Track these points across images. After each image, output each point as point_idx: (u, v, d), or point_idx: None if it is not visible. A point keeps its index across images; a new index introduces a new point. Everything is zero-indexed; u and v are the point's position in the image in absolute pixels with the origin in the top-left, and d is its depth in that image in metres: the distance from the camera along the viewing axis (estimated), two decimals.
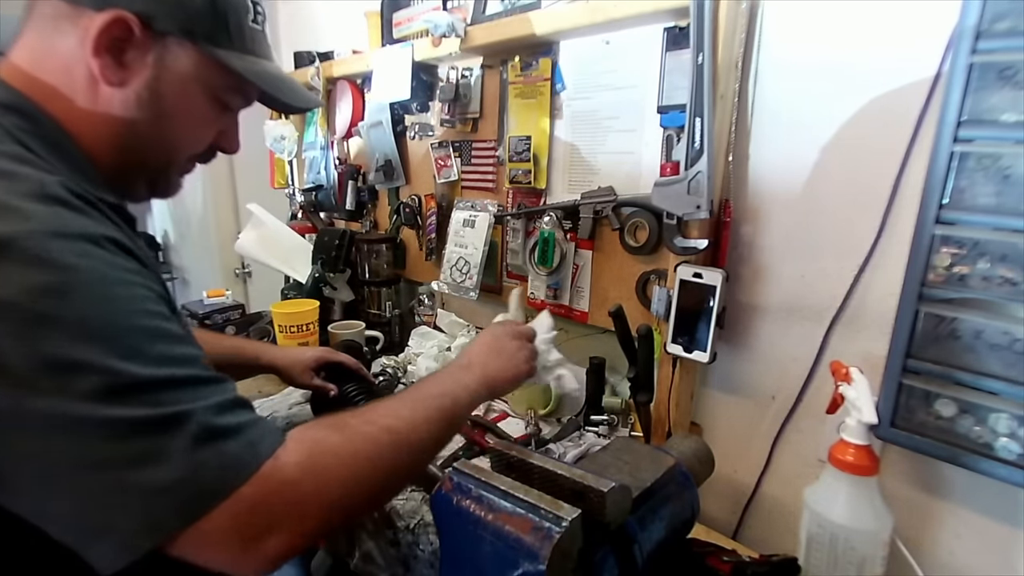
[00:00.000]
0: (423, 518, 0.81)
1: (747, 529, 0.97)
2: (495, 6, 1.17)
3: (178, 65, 0.57)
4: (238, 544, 0.45)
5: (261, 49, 0.64)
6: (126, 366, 0.43)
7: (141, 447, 0.42)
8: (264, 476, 0.46)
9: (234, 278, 2.71)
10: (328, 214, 1.80)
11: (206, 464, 0.44)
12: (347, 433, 0.54)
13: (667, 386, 0.96)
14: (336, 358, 1.05)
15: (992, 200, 0.65)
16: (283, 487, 0.47)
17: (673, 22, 0.91)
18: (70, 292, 0.42)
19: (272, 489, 0.47)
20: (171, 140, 0.62)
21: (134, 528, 0.42)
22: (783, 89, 0.85)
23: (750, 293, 0.92)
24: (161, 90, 0.57)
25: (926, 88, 0.71)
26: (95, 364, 0.42)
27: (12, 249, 0.41)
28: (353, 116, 1.57)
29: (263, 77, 0.62)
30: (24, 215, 0.43)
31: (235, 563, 0.46)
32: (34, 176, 0.46)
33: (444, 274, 1.35)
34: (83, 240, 0.45)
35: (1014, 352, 0.65)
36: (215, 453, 0.45)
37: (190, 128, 0.63)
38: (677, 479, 0.69)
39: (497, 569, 0.50)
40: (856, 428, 0.68)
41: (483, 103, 1.27)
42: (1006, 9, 0.61)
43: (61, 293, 0.42)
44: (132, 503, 0.42)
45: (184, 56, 0.57)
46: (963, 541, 0.75)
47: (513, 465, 0.59)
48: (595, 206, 1.05)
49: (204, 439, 0.44)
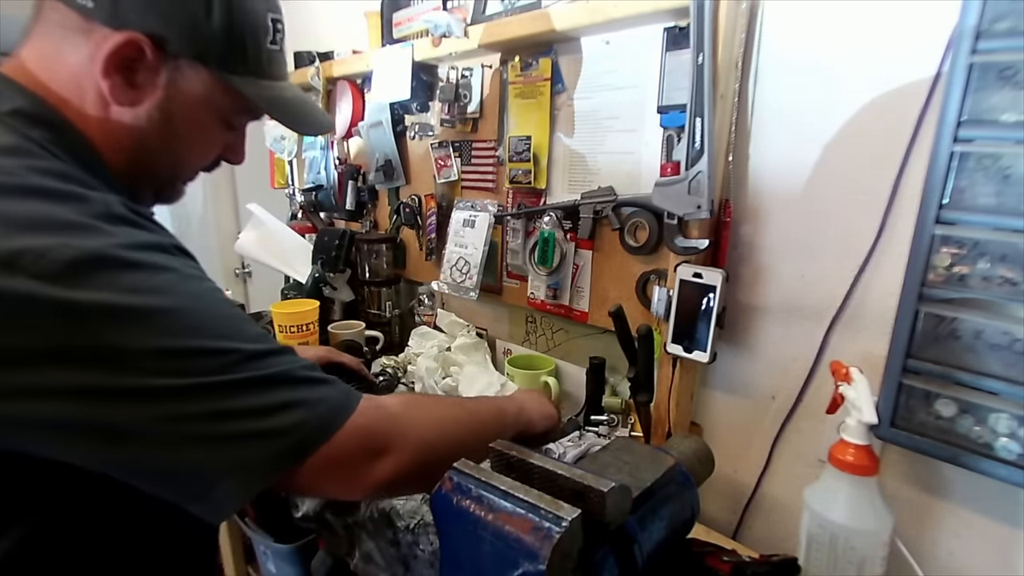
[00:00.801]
0: (423, 518, 0.81)
1: (747, 529, 0.97)
2: (495, 6, 1.17)
3: (190, 88, 0.58)
4: (353, 466, 0.54)
5: (277, 71, 0.63)
6: (235, 345, 0.50)
7: (260, 401, 0.49)
8: (369, 408, 0.56)
9: (234, 278, 2.72)
10: (328, 214, 1.80)
11: (319, 404, 0.52)
12: (432, 399, 0.73)
13: (667, 386, 0.96)
14: (338, 359, 1.05)
15: (992, 200, 0.65)
16: (389, 417, 0.58)
17: (673, 22, 0.91)
18: (170, 289, 0.48)
19: (379, 417, 0.56)
20: (179, 156, 0.63)
21: (266, 463, 0.50)
22: (783, 89, 0.85)
23: (750, 293, 0.92)
24: (171, 111, 0.58)
25: (926, 88, 0.71)
26: (208, 348, 0.48)
27: (108, 260, 0.46)
28: (353, 116, 1.57)
29: (275, 103, 0.63)
30: (106, 232, 0.47)
31: (350, 485, 0.55)
32: (99, 198, 0.49)
33: (444, 274, 1.35)
34: (158, 250, 0.50)
35: (1014, 352, 0.65)
36: (323, 395, 0.53)
37: (198, 146, 0.64)
38: (677, 479, 0.69)
39: (497, 569, 0.50)
40: (856, 428, 0.68)
41: (483, 103, 1.27)
42: (1006, 9, 0.61)
43: (163, 291, 0.47)
44: (262, 444, 0.49)
45: (196, 79, 0.57)
46: (963, 541, 0.75)
47: (513, 465, 0.59)
48: (595, 206, 1.05)
49: (310, 388, 0.53)
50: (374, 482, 0.56)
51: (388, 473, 0.56)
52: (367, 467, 0.55)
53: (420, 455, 0.58)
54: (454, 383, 1.15)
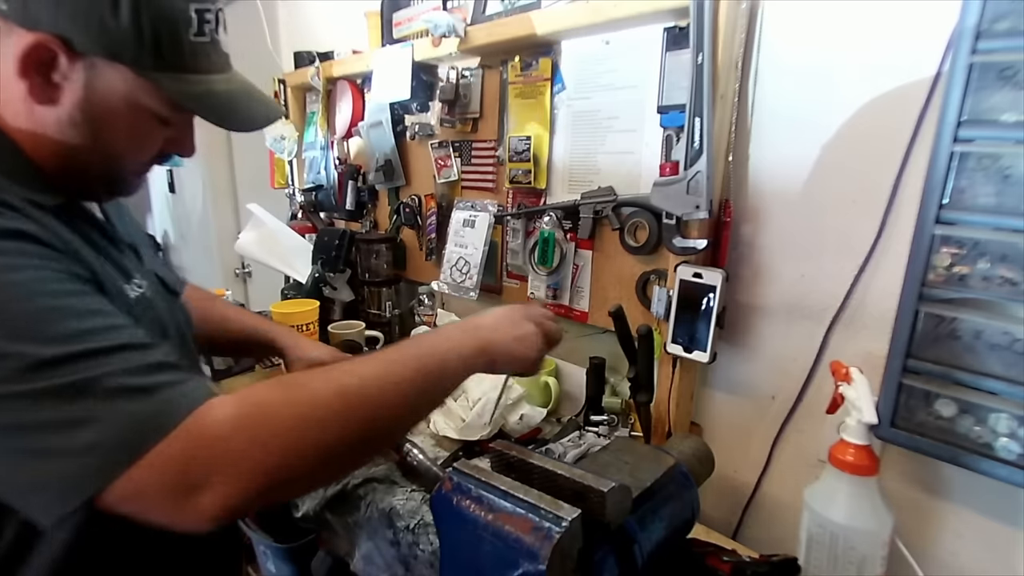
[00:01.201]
0: (423, 518, 0.81)
1: (747, 529, 0.97)
2: (495, 6, 1.17)
3: (109, 86, 0.57)
4: (170, 499, 0.46)
5: (206, 64, 0.60)
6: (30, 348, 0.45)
7: (55, 415, 0.45)
8: (188, 431, 0.46)
9: (234, 278, 2.71)
10: (328, 214, 1.80)
11: (119, 424, 0.45)
12: (294, 393, 0.51)
13: (667, 386, 0.96)
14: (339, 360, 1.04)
15: (992, 200, 0.65)
16: (212, 442, 0.46)
17: (673, 22, 0.91)
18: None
19: (198, 444, 0.46)
20: (111, 152, 0.61)
21: (62, 486, 0.45)
22: (783, 89, 0.85)
23: (750, 293, 0.92)
24: (93, 109, 0.57)
25: (926, 88, 0.71)
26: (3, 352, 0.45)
27: None
28: (353, 116, 1.57)
29: (199, 99, 0.60)
30: None
31: (172, 518, 0.47)
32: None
33: (444, 274, 1.35)
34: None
35: (1014, 352, 0.65)
36: (127, 413, 0.46)
37: (131, 142, 0.62)
38: (677, 479, 0.69)
39: (497, 569, 0.50)
40: (856, 428, 0.68)
41: (483, 103, 1.27)
42: (1006, 9, 0.61)
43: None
44: (56, 464, 0.45)
45: (116, 77, 0.56)
46: (963, 541, 0.75)
47: (513, 465, 0.59)
48: (595, 206, 1.05)
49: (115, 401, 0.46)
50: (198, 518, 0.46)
51: (214, 508, 0.46)
52: (184, 502, 0.46)
53: (262, 485, 0.47)
54: None
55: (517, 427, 1.03)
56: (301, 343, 1.03)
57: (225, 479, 0.46)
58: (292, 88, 1.79)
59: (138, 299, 0.65)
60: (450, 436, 1.03)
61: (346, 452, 0.53)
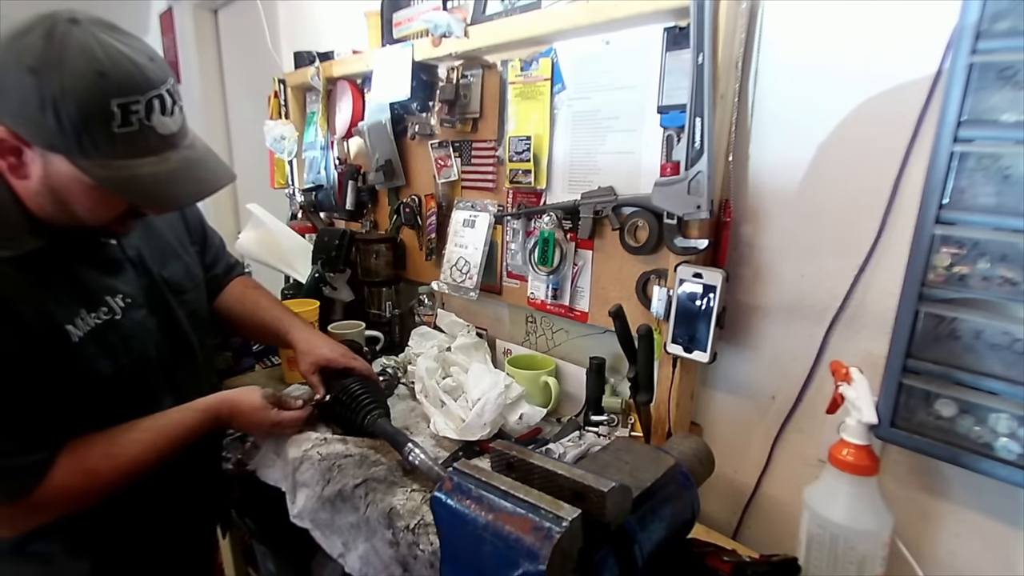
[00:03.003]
0: (423, 518, 0.81)
1: (747, 529, 0.97)
2: (495, 6, 1.17)
3: (58, 169, 0.68)
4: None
5: (132, 150, 0.69)
6: None
7: None
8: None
9: None
10: (328, 214, 1.80)
11: None
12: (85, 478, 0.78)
13: (667, 386, 0.96)
14: (351, 363, 1.05)
15: (992, 200, 0.65)
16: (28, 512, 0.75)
17: (673, 22, 0.91)
18: None
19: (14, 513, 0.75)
20: (77, 218, 0.74)
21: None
22: (783, 89, 0.85)
23: (750, 293, 0.92)
24: (52, 186, 0.70)
25: (926, 88, 0.71)
26: None
27: None
28: (353, 116, 1.57)
29: (122, 183, 0.69)
30: None
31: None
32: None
33: (444, 274, 1.35)
34: None
35: (1014, 352, 0.65)
36: None
37: (91, 211, 0.73)
38: (677, 479, 0.69)
39: (497, 569, 0.50)
40: (856, 428, 0.68)
41: (483, 103, 1.26)
42: (1006, 9, 0.61)
43: None
44: None
45: (60, 163, 0.68)
46: (963, 541, 0.75)
47: (513, 465, 0.59)
48: (595, 206, 1.05)
49: None
50: None
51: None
52: None
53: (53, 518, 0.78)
54: (455, 383, 1.15)
55: (517, 427, 1.03)
56: (312, 340, 1.08)
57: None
58: (292, 88, 1.79)
59: (101, 326, 0.78)
60: (450, 436, 1.03)
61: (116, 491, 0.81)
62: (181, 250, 0.98)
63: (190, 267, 0.98)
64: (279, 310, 1.14)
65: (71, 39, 0.64)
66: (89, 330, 0.77)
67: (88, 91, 0.64)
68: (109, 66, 0.65)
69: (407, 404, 1.20)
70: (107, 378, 0.79)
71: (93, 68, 0.64)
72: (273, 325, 1.10)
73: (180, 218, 1.03)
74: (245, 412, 0.94)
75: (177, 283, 0.92)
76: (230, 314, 1.10)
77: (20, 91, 0.63)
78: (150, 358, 0.86)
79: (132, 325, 0.83)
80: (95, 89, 0.64)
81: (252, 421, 0.96)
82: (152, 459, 0.83)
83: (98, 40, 0.65)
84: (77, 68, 0.63)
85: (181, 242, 1.00)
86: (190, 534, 1.01)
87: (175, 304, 0.91)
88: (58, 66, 0.63)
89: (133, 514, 0.87)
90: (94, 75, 0.64)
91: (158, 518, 0.91)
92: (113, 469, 0.80)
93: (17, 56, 0.63)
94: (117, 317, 0.81)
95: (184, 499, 0.96)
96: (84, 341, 0.76)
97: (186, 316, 0.93)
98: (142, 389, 0.85)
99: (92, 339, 0.77)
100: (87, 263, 0.80)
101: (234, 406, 0.94)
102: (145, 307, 0.86)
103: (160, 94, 0.69)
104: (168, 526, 0.94)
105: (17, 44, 0.64)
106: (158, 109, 0.69)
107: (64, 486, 0.75)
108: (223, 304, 1.10)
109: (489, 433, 1.00)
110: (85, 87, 0.63)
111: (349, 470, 0.94)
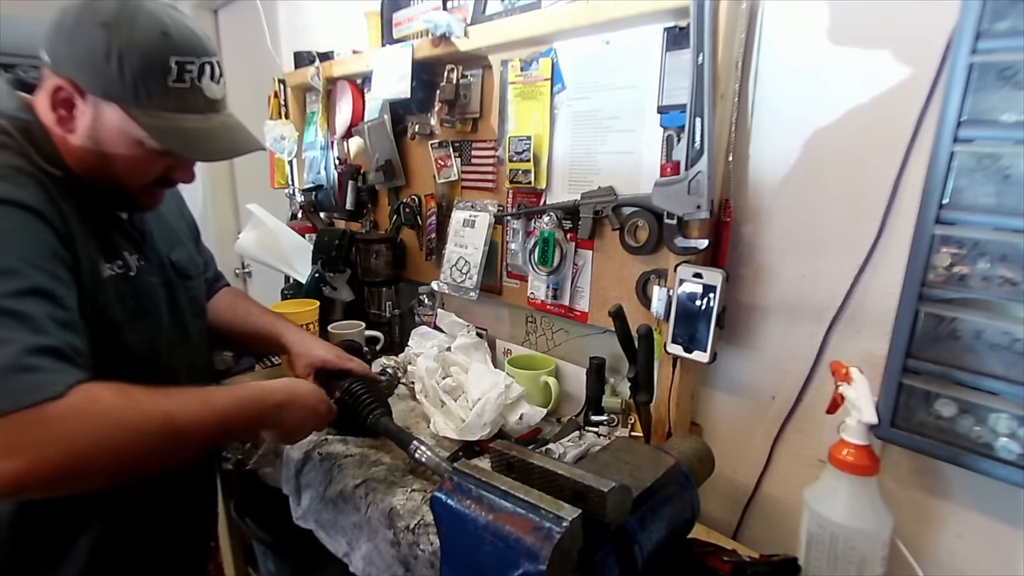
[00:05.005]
0: (423, 518, 0.81)
1: (747, 529, 0.97)
2: (495, 6, 1.17)
3: (108, 120, 0.73)
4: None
5: (182, 105, 0.74)
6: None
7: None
8: (30, 412, 0.55)
9: (234, 278, 2.71)
10: (328, 214, 1.80)
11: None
12: (127, 400, 0.62)
13: (667, 386, 0.96)
14: (346, 364, 1.04)
15: (992, 200, 0.65)
16: (40, 421, 0.55)
17: (673, 22, 0.91)
18: None
19: (30, 419, 0.55)
20: (115, 174, 0.76)
21: None
22: (783, 89, 0.85)
23: (750, 293, 0.92)
24: (99, 138, 0.74)
25: (926, 88, 0.71)
26: None
27: None
28: (353, 116, 1.57)
29: (169, 133, 0.73)
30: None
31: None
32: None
33: (444, 274, 1.35)
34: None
35: (1014, 352, 0.65)
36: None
37: (130, 167, 0.76)
38: (677, 479, 0.69)
39: (497, 569, 0.50)
40: (856, 428, 0.69)
41: (483, 103, 1.27)
42: (1006, 9, 0.61)
43: None
44: None
45: (111, 113, 0.72)
46: (963, 541, 0.75)
47: (513, 465, 0.59)
48: (595, 206, 1.05)
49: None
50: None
51: (7, 481, 0.53)
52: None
53: (58, 469, 0.56)
54: (455, 383, 1.15)
55: (517, 427, 1.03)
56: (307, 342, 1.07)
57: (35, 458, 0.55)
58: (292, 88, 1.79)
59: (116, 276, 0.78)
60: (450, 436, 1.03)
61: (147, 463, 0.64)
62: (186, 240, 1.01)
63: (193, 256, 1.00)
64: (270, 316, 1.14)
65: (143, 5, 0.72)
66: (111, 275, 0.78)
67: (152, 45, 0.71)
68: (173, 28, 0.72)
69: (407, 404, 1.20)
70: (120, 325, 0.78)
71: (159, 28, 0.71)
72: (266, 329, 1.10)
73: (182, 216, 1.03)
74: (304, 395, 0.84)
75: (183, 267, 0.94)
76: (221, 320, 1.09)
77: (89, 42, 0.69)
78: (160, 323, 0.86)
79: (145, 285, 0.84)
80: (159, 44, 0.71)
81: (308, 405, 0.84)
82: (186, 424, 0.67)
83: (164, 9, 0.73)
84: (145, 26, 0.71)
85: (184, 235, 1.01)
86: (186, 532, 1.01)
87: (180, 287, 0.92)
88: (129, 23, 0.70)
89: (128, 509, 0.85)
90: (159, 34, 0.71)
91: (154, 516, 0.90)
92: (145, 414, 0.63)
93: (92, 13, 0.70)
94: (132, 273, 0.82)
95: (182, 498, 0.95)
96: (108, 282, 0.77)
97: (187, 301, 0.93)
98: (149, 352, 0.83)
99: (112, 283, 0.78)
100: (109, 224, 0.81)
101: (292, 388, 0.83)
102: (157, 277, 0.87)
103: (211, 62, 0.76)
104: (163, 523, 0.93)
105: (93, 4, 0.71)
106: (208, 74, 0.75)
107: (86, 408, 0.59)
108: (213, 311, 1.08)
109: (489, 433, 1.00)
110: (150, 42, 0.70)
111: (349, 470, 0.94)
